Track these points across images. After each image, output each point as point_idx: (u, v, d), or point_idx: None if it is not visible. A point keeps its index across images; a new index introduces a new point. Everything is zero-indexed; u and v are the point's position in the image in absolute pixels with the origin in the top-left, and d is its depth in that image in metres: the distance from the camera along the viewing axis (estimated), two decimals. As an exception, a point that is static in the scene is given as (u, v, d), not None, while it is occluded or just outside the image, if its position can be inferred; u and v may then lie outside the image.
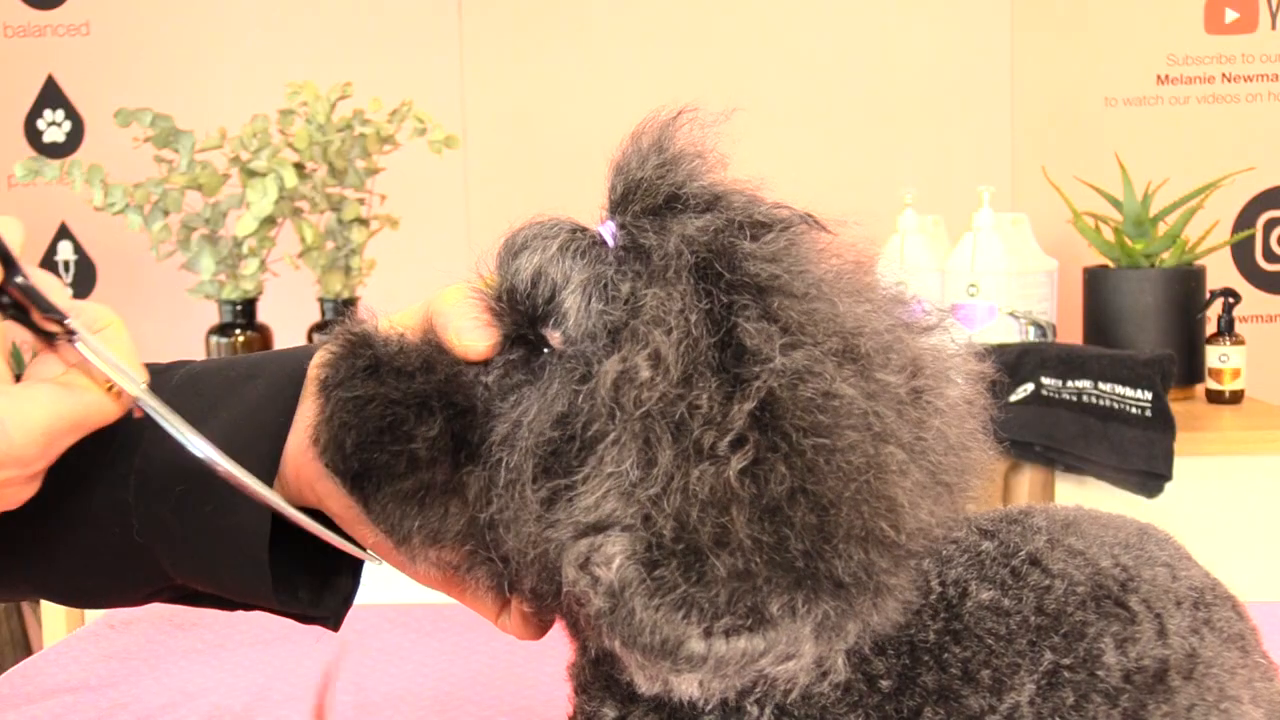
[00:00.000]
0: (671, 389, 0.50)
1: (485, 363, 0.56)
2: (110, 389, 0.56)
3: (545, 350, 0.55)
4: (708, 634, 0.47)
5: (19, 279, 0.53)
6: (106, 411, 0.56)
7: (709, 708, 0.54)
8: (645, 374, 0.50)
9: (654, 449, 0.49)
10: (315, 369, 0.59)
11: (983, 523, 0.61)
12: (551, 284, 0.55)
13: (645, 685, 0.51)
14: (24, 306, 0.54)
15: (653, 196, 0.55)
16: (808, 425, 0.49)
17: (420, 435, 0.54)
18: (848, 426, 0.49)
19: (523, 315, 0.56)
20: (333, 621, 0.71)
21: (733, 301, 0.52)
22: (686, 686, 0.49)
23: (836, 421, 0.49)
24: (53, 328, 0.54)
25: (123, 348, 0.57)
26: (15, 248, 0.52)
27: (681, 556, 0.48)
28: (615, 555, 0.48)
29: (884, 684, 0.54)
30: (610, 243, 0.55)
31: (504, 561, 0.55)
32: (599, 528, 0.49)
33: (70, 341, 0.55)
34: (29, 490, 0.56)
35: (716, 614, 0.47)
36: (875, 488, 0.49)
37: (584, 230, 0.56)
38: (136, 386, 0.56)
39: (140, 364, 0.58)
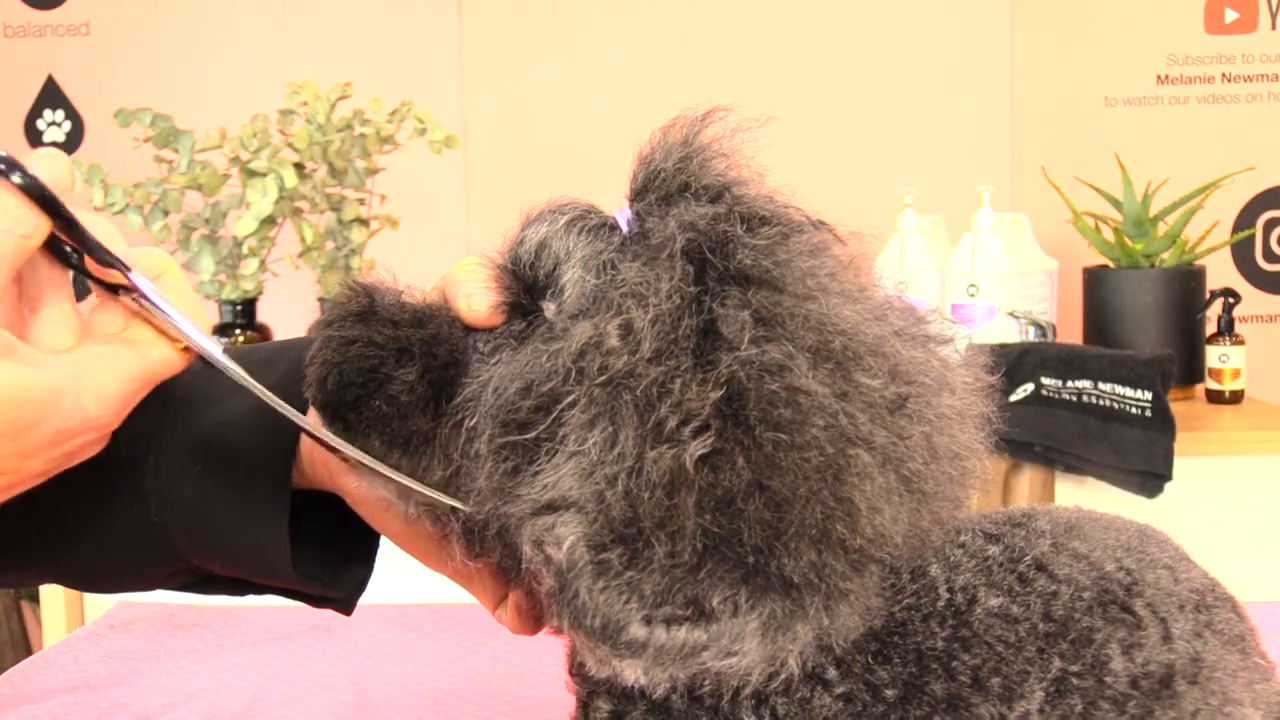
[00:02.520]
0: (641, 364, 0.50)
1: (490, 330, 0.57)
2: (177, 342, 0.55)
3: (540, 321, 0.55)
4: (648, 621, 0.47)
5: (78, 232, 0.51)
6: (174, 363, 0.56)
7: (702, 716, 0.54)
8: (614, 342, 0.50)
9: (617, 425, 0.49)
10: None
11: (987, 526, 0.61)
12: (554, 257, 0.55)
13: (594, 668, 0.51)
14: (79, 250, 0.52)
15: (668, 186, 0.55)
16: (771, 419, 0.48)
17: (399, 379, 0.54)
18: (811, 424, 0.48)
19: (524, 285, 0.56)
20: (346, 605, 0.72)
21: (721, 289, 0.52)
22: (630, 672, 0.49)
23: (800, 418, 0.48)
24: (113, 278, 0.53)
25: (182, 295, 0.56)
26: (63, 190, 0.51)
27: (629, 541, 0.47)
28: (567, 536, 0.48)
29: (889, 693, 0.53)
30: (624, 228, 0.56)
31: (468, 531, 0.55)
32: (554, 507, 0.49)
33: (132, 297, 0.54)
34: (100, 446, 0.56)
35: (657, 602, 0.47)
36: (833, 489, 0.48)
37: (598, 211, 0.57)
38: (208, 341, 0.55)
39: (199, 307, 0.57)
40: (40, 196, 0.49)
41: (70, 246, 0.52)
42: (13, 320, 0.52)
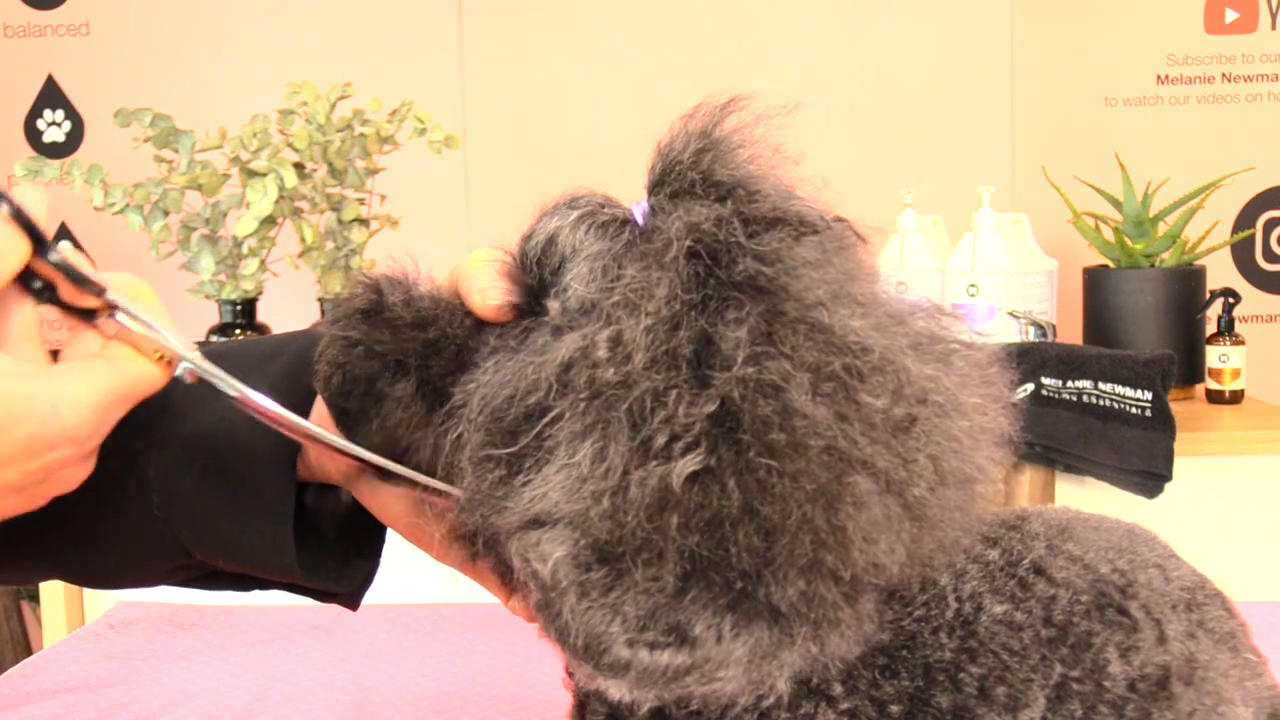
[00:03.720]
0: (632, 376, 0.48)
1: (501, 327, 0.55)
2: (159, 358, 0.55)
3: (543, 321, 0.54)
4: (631, 644, 0.46)
5: (54, 256, 0.51)
6: (153, 379, 0.55)
7: None
8: (601, 354, 0.48)
9: (606, 439, 0.47)
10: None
11: (983, 529, 0.60)
12: (561, 254, 0.54)
13: (582, 681, 0.51)
14: (51, 285, 0.52)
15: (683, 180, 0.53)
16: (764, 443, 0.46)
17: (393, 395, 0.54)
18: (807, 449, 0.46)
19: (531, 282, 0.55)
20: (352, 600, 0.71)
21: (722, 297, 0.49)
22: (615, 691, 0.48)
23: (795, 442, 0.46)
24: (89, 302, 0.53)
25: (161, 316, 0.56)
26: (41, 221, 0.51)
27: (613, 561, 0.46)
28: (552, 553, 0.47)
29: (894, 709, 0.53)
30: (640, 221, 0.54)
31: (462, 536, 0.55)
32: (540, 521, 0.47)
33: (111, 315, 0.53)
34: (84, 470, 0.55)
35: (640, 626, 0.45)
36: (827, 517, 0.46)
37: (613, 204, 0.55)
38: (188, 350, 0.55)
39: (177, 330, 0.57)
40: (20, 220, 0.48)
41: (40, 279, 0.51)
42: None
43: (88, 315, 0.53)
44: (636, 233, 0.53)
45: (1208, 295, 2.07)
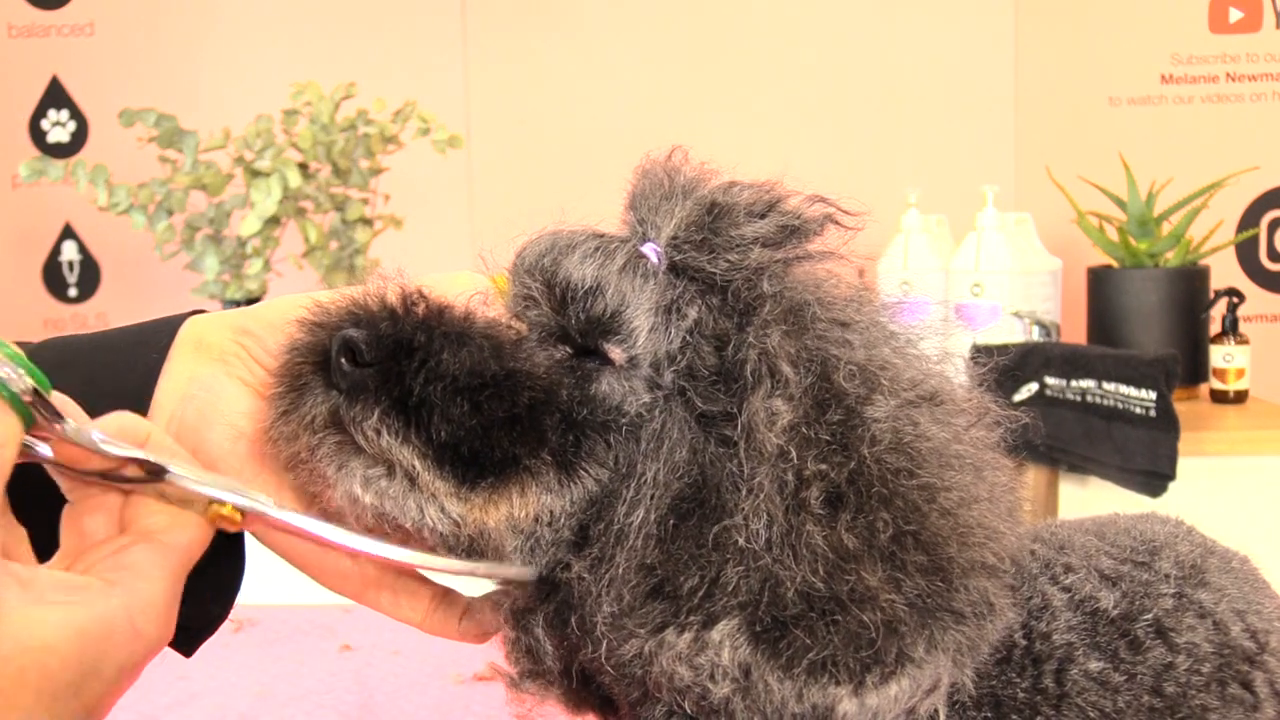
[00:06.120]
0: (796, 436, 0.49)
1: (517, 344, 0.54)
2: (211, 505, 0.50)
3: (604, 363, 0.53)
4: (858, 689, 0.46)
5: (74, 430, 0.46)
6: (206, 537, 0.51)
7: None
8: (786, 418, 0.49)
9: (773, 507, 0.48)
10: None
11: (1106, 565, 0.59)
12: (615, 300, 0.53)
13: None
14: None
15: (698, 226, 0.54)
16: (905, 467, 0.49)
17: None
18: (943, 465, 0.49)
19: (574, 318, 0.54)
20: (185, 644, 0.65)
21: (825, 339, 0.51)
22: None
23: (936, 461, 0.49)
24: (93, 464, 0.48)
25: (175, 449, 0.50)
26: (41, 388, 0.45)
27: (807, 620, 0.46)
28: (724, 639, 0.47)
29: None
30: (653, 260, 0.54)
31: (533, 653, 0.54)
32: (713, 617, 0.47)
33: (158, 478, 0.48)
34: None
35: (865, 666, 0.46)
36: (978, 518, 0.49)
37: (623, 241, 0.55)
38: (247, 498, 0.51)
39: (185, 453, 0.51)
40: (14, 400, 0.44)
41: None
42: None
43: (94, 475, 0.49)
44: (671, 276, 0.53)
45: (1212, 295, 2.07)
